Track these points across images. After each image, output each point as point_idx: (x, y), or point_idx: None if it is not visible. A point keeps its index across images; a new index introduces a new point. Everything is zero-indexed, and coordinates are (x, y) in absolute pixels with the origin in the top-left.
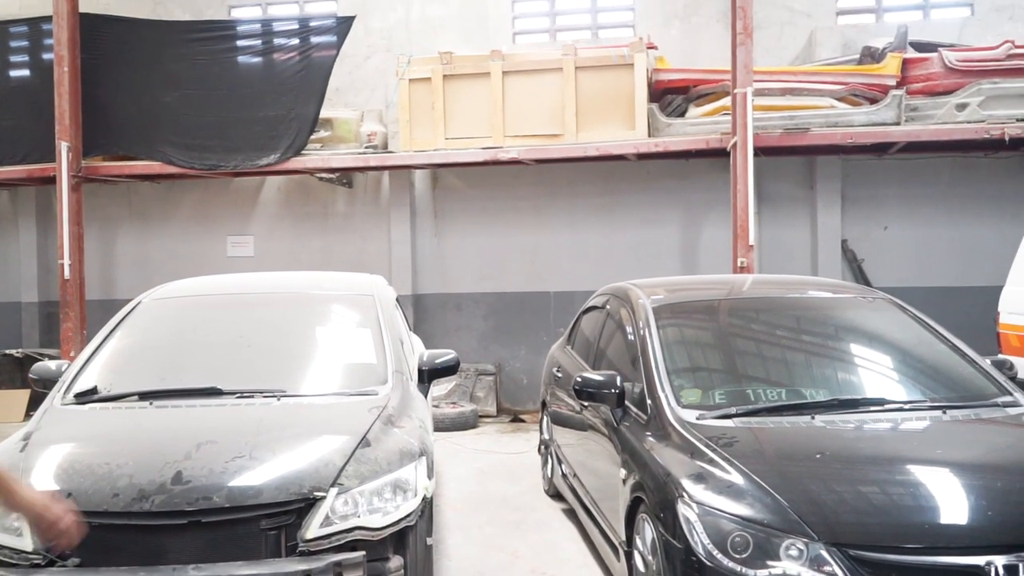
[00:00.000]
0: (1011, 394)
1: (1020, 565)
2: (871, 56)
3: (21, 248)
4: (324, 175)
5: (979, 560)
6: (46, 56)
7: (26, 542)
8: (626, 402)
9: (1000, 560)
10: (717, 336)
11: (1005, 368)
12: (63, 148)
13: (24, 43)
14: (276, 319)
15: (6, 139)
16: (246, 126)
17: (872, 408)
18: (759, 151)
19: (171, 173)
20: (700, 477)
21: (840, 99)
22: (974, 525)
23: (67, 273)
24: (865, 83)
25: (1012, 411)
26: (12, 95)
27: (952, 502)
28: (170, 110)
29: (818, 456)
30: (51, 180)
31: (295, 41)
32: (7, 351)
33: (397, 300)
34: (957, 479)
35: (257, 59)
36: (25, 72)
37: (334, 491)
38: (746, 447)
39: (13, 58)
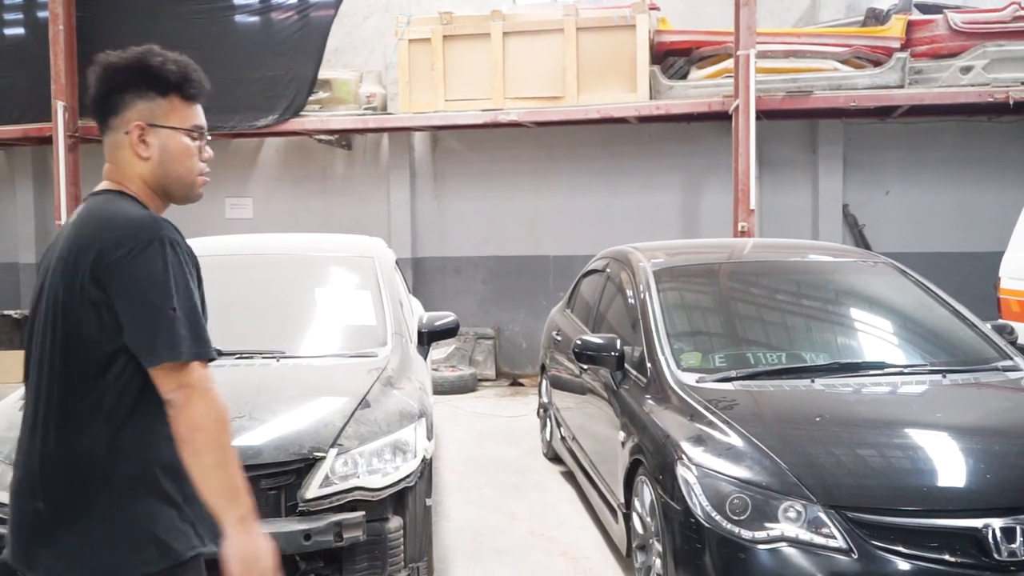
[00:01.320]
0: (1011, 358)
1: (1017, 528)
2: (875, 18)
3: (18, 208)
4: (323, 137)
5: (976, 523)
6: (41, 14)
7: None
8: (626, 365)
9: (997, 523)
10: (717, 300)
11: (1005, 333)
12: (59, 108)
13: (18, 0)
14: (275, 280)
15: (1, 98)
16: (243, 86)
17: (872, 372)
18: (761, 114)
19: None
20: (699, 440)
21: (843, 61)
22: (972, 488)
23: None
24: (869, 45)
25: (1012, 375)
26: (7, 53)
27: (950, 465)
28: None
29: (817, 419)
30: (47, 140)
31: (293, 0)
32: (5, 312)
33: (396, 263)
34: (955, 442)
35: (254, 19)
36: (20, 30)
37: (334, 452)
38: (745, 410)
39: (8, 15)
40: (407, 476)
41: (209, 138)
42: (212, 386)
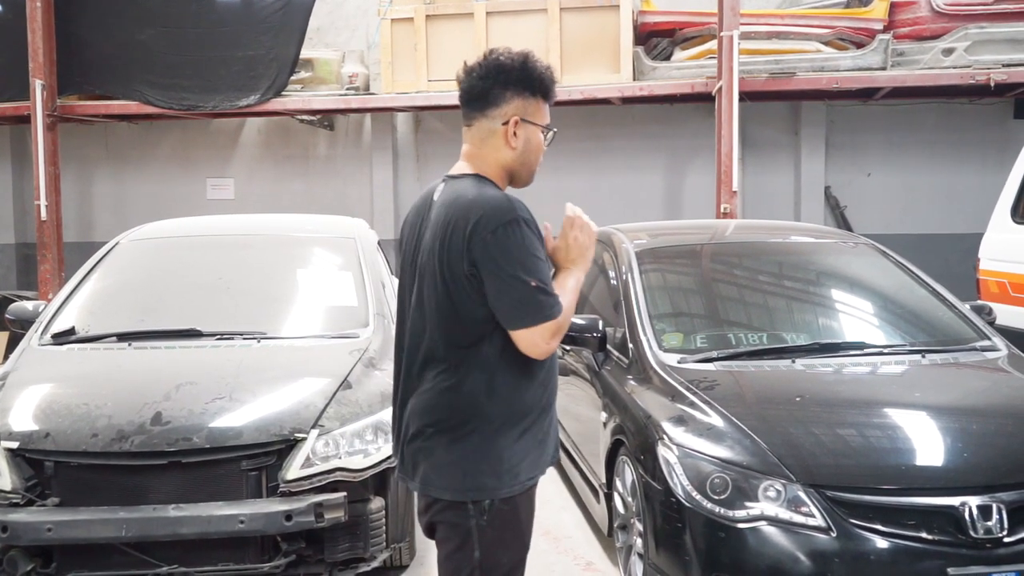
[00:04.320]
0: (989, 339)
1: (993, 505)
2: None
3: None
4: (305, 117)
5: (954, 501)
6: None
7: (5, 482)
8: (608, 346)
9: (974, 501)
10: (699, 280)
11: (984, 313)
12: (37, 86)
13: None
14: (257, 261)
15: None
16: (225, 66)
17: (852, 352)
18: (744, 96)
19: (149, 113)
20: (680, 420)
21: (827, 43)
22: (949, 467)
23: (44, 214)
24: (852, 27)
25: (990, 355)
26: None
27: (928, 444)
28: (147, 48)
29: (798, 399)
30: (25, 119)
31: None
32: None
33: (379, 244)
34: (934, 422)
35: None
36: None
37: (315, 432)
38: (726, 390)
39: None
40: (388, 457)
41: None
42: (558, 331)
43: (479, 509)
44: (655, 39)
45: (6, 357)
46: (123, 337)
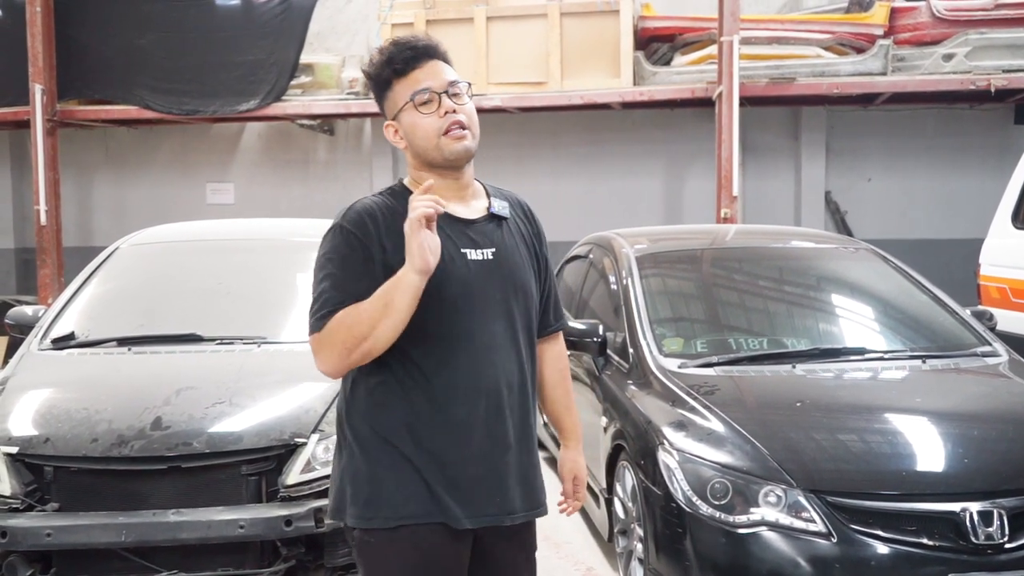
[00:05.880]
0: (990, 344)
1: (994, 511)
2: (859, 4)
3: None
4: (305, 122)
5: (954, 506)
6: None
7: (4, 487)
8: (608, 351)
9: (975, 507)
10: (700, 285)
11: (985, 319)
12: (37, 91)
13: None
14: (257, 266)
15: None
16: (225, 71)
17: (852, 357)
18: (744, 101)
19: (148, 118)
20: (681, 425)
21: (827, 48)
22: (950, 472)
23: (43, 219)
24: (852, 32)
25: (990, 361)
26: None
27: (929, 450)
28: (147, 53)
29: (798, 404)
30: (25, 124)
31: None
32: None
33: None
34: (934, 427)
35: (235, 2)
36: None
37: (315, 437)
38: (727, 395)
39: None
40: None
41: (453, 89)
42: (319, 348)
43: (349, 533)
44: (655, 44)
45: (6, 362)
46: (123, 342)
